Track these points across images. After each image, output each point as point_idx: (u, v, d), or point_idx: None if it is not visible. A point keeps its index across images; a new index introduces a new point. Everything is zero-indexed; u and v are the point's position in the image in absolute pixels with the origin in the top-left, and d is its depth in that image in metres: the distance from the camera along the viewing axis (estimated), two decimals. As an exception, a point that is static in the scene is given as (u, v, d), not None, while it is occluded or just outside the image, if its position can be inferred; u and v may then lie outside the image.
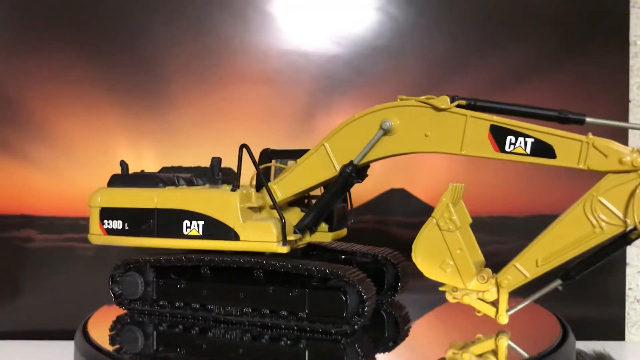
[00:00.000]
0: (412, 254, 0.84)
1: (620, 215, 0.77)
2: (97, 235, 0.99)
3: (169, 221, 0.94)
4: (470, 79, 1.43)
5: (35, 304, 1.43)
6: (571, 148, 0.78)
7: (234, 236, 0.90)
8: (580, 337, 1.35)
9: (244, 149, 0.93)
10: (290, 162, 0.96)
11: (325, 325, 0.87)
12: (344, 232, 1.06)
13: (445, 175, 1.41)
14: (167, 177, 0.99)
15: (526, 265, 0.81)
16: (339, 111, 1.44)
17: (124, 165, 1.03)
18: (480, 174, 1.43)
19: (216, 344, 0.88)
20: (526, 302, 0.84)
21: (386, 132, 0.85)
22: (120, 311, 1.01)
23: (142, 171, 1.05)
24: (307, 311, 0.88)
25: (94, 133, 1.43)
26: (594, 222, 0.78)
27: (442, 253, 0.83)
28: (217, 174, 1.03)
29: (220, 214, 0.91)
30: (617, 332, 1.44)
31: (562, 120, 0.80)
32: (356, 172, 0.88)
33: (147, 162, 1.45)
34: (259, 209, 0.95)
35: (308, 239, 0.98)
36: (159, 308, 0.97)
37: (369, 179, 0.95)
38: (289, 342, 0.85)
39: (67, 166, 1.44)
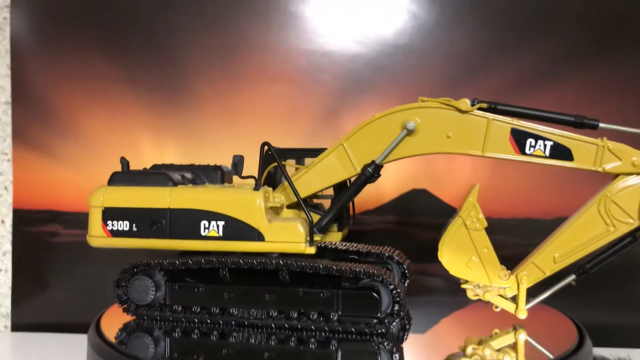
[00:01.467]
0: (439, 253, 0.88)
1: (632, 214, 0.83)
2: (99, 237, 0.93)
3: (184, 222, 0.90)
4: (493, 78, 1.41)
5: (60, 297, 1.48)
6: (588, 151, 0.85)
7: (258, 237, 0.88)
8: (604, 343, 1.32)
9: (266, 147, 0.93)
10: (307, 161, 0.96)
11: (358, 326, 0.87)
12: (346, 231, 1.08)
13: (468, 176, 1.40)
14: (175, 175, 0.96)
15: (544, 262, 0.87)
16: (360, 110, 1.44)
17: (124, 162, 0.99)
18: (503, 176, 1.41)
19: (241, 349, 0.85)
20: (542, 297, 0.89)
21: (410, 132, 0.88)
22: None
23: (145, 169, 1.01)
24: (339, 312, 0.87)
25: (118, 130, 1.46)
26: (608, 221, 0.85)
27: (469, 251, 0.87)
28: (240, 173, 0.98)
29: (243, 214, 0.89)
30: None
31: (578, 125, 0.86)
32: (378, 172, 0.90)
33: (170, 159, 1.47)
34: (278, 208, 0.94)
35: (318, 238, 0.98)
36: (171, 313, 0.93)
37: (391, 179, 0.95)
38: (318, 344, 0.85)
39: (93, 163, 1.47)
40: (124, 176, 0.95)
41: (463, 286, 0.91)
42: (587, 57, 1.42)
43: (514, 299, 0.90)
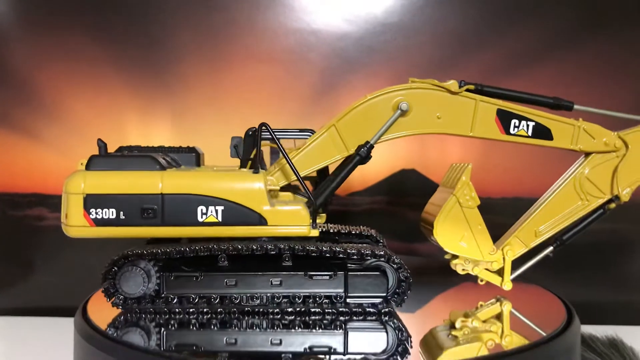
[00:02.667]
0: (434, 231, 0.92)
1: (603, 189, 0.94)
2: (80, 227, 0.86)
3: (178, 208, 0.85)
4: (484, 57, 1.41)
5: (47, 281, 1.49)
6: (566, 131, 0.93)
7: (261, 221, 0.86)
8: (593, 321, 1.34)
9: (263, 128, 0.91)
10: (299, 143, 0.95)
11: (364, 307, 0.89)
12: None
13: (458, 156, 1.41)
14: (159, 158, 0.91)
15: (526, 236, 0.95)
16: (350, 90, 1.44)
17: (102, 145, 0.92)
18: (493, 156, 1.41)
19: (248, 336, 0.84)
20: (524, 268, 0.96)
21: (403, 113, 0.91)
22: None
23: (124, 151, 0.95)
24: (346, 294, 0.89)
25: (104, 112, 1.46)
26: (582, 196, 0.95)
27: (463, 228, 0.92)
28: (240, 155, 0.96)
29: (244, 198, 0.86)
30: (634, 317, 1.44)
31: (555, 106, 0.93)
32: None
33: (158, 140, 1.45)
34: (275, 192, 0.93)
35: (320, 220, 0.97)
36: (165, 305, 0.89)
37: (381, 159, 0.95)
38: (324, 327, 0.86)
39: (78, 145, 1.46)
40: (104, 160, 0.88)
41: (453, 262, 0.95)
42: (575, 37, 1.42)
43: (499, 272, 0.96)
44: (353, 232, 1.02)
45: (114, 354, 0.76)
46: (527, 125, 0.92)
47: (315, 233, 0.89)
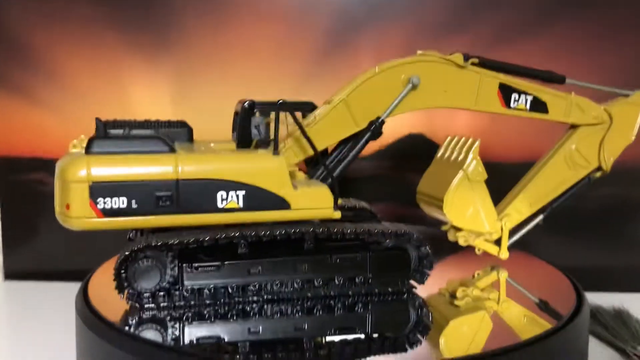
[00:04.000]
0: (444, 205, 0.95)
1: (590, 159, 1.01)
2: (86, 219, 0.78)
3: (196, 194, 0.79)
4: (496, 18, 1.36)
5: (50, 245, 1.50)
6: (560, 105, 0.98)
7: (284, 205, 0.82)
8: (597, 288, 1.33)
9: (282, 111, 0.86)
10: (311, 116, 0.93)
11: (388, 287, 0.89)
12: None
13: (465, 119, 1.37)
14: (166, 137, 0.84)
15: (522, 207, 1.01)
16: (355, 51, 1.40)
17: (100, 125, 0.86)
18: (500, 120, 1.38)
19: (273, 322, 0.82)
20: (517, 237, 1.02)
21: (414, 87, 0.91)
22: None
23: (108, 127, 0.88)
24: (370, 274, 0.88)
25: (104, 73, 1.44)
26: (572, 166, 1.01)
27: (470, 202, 0.96)
28: (263, 136, 0.91)
29: (266, 182, 0.82)
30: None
31: (548, 79, 0.98)
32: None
33: (161, 101, 1.43)
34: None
35: (340, 201, 0.97)
36: (185, 297, 0.83)
37: (386, 124, 0.93)
38: (348, 308, 0.86)
39: (78, 108, 1.45)
40: (107, 142, 0.80)
41: (457, 234, 0.99)
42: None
43: (496, 242, 1.01)
44: (346, 207, 1.01)
45: (115, 343, 0.74)
46: (526, 100, 0.96)
47: (337, 215, 0.87)
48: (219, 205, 0.80)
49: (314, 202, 0.84)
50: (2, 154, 1.47)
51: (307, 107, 0.92)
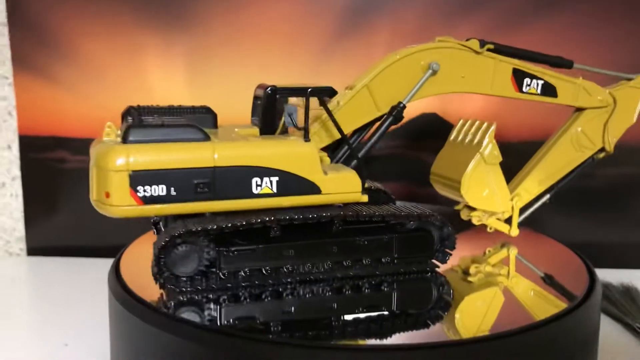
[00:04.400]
0: (461, 187, 1.00)
1: (595, 141, 1.06)
2: (127, 207, 0.78)
3: (232, 180, 0.81)
4: (507, 2, 1.36)
5: (69, 222, 1.55)
6: (568, 89, 1.02)
7: (315, 190, 0.85)
8: (607, 264, 1.35)
9: (325, 99, 0.86)
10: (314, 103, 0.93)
11: (412, 266, 0.92)
12: None
13: (479, 99, 1.37)
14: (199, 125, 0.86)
15: (531, 187, 1.06)
16: (371, 31, 1.40)
17: (134, 112, 0.87)
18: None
19: (307, 300, 0.84)
20: (526, 215, 1.08)
21: (434, 72, 0.93)
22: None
23: (134, 112, 0.89)
24: (396, 254, 0.91)
25: (122, 53, 1.44)
26: (578, 148, 1.06)
27: (486, 184, 1.01)
28: (297, 124, 0.91)
29: (299, 167, 0.84)
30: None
31: (557, 64, 1.02)
32: None
33: (180, 83, 1.45)
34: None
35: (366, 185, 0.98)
36: (221, 281, 0.85)
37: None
38: (375, 288, 0.88)
39: (95, 88, 1.48)
40: (145, 131, 0.81)
41: (471, 214, 1.04)
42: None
43: (506, 221, 1.07)
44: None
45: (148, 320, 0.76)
46: (537, 84, 1.00)
47: (365, 198, 0.89)
48: (254, 191, 0.82)
49: (343, 186, 0.87)
50: (22, 132, 1.50)
51: (328, 93, 0.93)
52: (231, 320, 0.78)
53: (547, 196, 1.08)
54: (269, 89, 0.93)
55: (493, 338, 0.73)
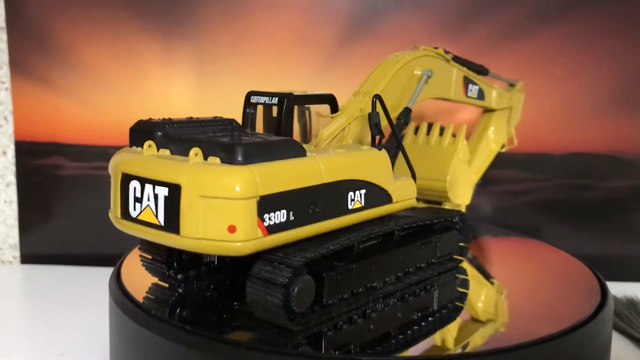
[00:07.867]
0: (448, 192, 1.11)
1: (503, 136, 1.27)
2: (254, 241, 0.66)
3: (335, 197, 0.76)
4: (512, 10, 1.36)
5: (65, 229, 1.55)
6: (492, 93, 1.21)
7: (389, 199, 0.85)
8: (609, 277, 1.35)
9: (377, 101, 0.85)
10: (322, 110, 0.94)
11: (446, 264, 0.96)
12: None
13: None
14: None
15: (473, 178, 1.25)
16: (375, 39, 1.40)
17: (237, 127, 0.79)
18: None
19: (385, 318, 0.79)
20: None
21: (428, 79, 1.01)
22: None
23: (169, 125, 0.76)
24: (438, 255, 0.95)
25: (122, 59, 1.43)
26: (494, 142, 1.27)
27: (462, 178, 1.14)
28: (381, 133, 0.87)
29: (379, 178, 0.83)
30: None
31: (480, 72, 1.17)
32: None
33: (178, 89, 1.44)
34: None
35: None
36: (331, 310, 0.76)
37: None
38: (426, 288, 0.91)
39: (95, 94, 1.47)
40: (255, 149, 0.69)
41: (445, 205, 1.15)
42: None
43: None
44: None
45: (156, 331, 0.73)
46: (476, 89, 1.15)
47: (416, 203, 0.93)
48: (349, 206, 0.78)
49: (406, 193, 0.88)
50: (19, 138, 1.52)
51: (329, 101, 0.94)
52: (332, 347, 0.69)
53: (480, 181, 1.29)
54: (285, 99, 0.85)
55: (503, 351, 0.72)
